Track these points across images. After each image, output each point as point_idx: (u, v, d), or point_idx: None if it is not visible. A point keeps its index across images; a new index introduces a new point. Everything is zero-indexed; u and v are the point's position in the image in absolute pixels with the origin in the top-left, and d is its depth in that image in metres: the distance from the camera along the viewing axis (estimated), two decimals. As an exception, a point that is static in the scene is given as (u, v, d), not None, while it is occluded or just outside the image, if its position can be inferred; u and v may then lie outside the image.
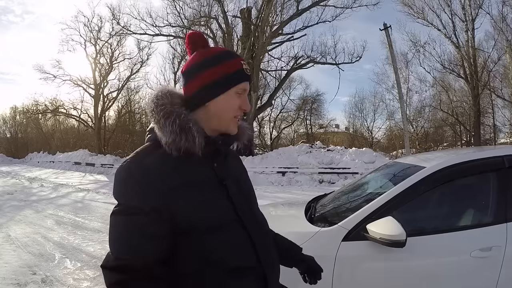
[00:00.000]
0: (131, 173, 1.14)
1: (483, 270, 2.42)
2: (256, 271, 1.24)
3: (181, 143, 1.16)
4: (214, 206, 1.20)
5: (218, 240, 1.17)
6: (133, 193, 1.12)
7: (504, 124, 26.33)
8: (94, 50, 32.95)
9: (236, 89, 1.26)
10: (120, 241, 1.13)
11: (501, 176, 2.66)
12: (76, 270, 4.73)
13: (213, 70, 1.24)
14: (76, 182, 17.08)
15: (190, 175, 1.18)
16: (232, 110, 1.27)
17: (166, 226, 1.13)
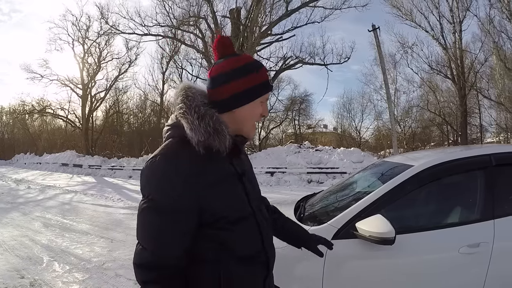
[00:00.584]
0: (167, 171, 1.20)
1: (472, 266, 2.46)
2: (261, 257, 1.39)
3: (214, 143, 1.24)
4: (237, 201, 1.33)
5: (237, 231, 1.30)
6: (168, 191, 1.19)
7: (490, 124, 26.68)
8: (82, 50, 32.67)
9: (261, 98, 1.38)
10: (156, 237, 1.22)
11: (488, 174, 2.70)
12: (65, 273, 4.67)
13: (243, 81, 1.33)
14: (63, 184, 16.92)
15: (218, 172, 1.28)
16: (255, 117, 1.41)
17: (196, 221, 1.25)
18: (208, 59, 21.85)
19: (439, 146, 26.96)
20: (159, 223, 1.20)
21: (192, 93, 1.32)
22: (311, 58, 22.75)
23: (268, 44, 22.75)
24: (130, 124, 36.28)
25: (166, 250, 1.21)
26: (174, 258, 1.22)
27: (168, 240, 1.21)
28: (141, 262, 1.22)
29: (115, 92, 35.15)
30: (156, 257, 1.20)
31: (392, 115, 19.40)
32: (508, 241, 2.51)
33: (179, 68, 31.97)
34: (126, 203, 10.45)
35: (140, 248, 1.23)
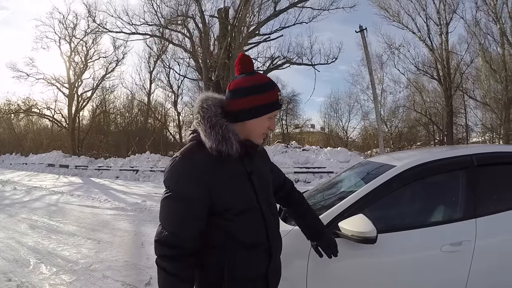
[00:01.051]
0: (185, 168, 1.50)
1: (454, 264, 2.50)
2: (264, 246, 1.63)
3: (222, 148, 1.49)
4: (243, 196, 1.58)
5: (242, 221, 1.56)
6: (185, 184, 1.49)
7: (476, 124, 27.04)
8: (69, 48, 32.37)
9: (269, 115, 1.61)
10: (174, 220, 1.51)
11: (469, 174, 2.74)
12: (52, 275, 4.63)
13: (258, 97, 1.57)
14: (50, 185, 16.65)
15: (227, 171, 1.54)
16: (262, 129, 1.63)
17: (206, 209, 1.53)
18: (196, 58, 21.79)
19: (425, 146, 27.24)
20: (176, 209, 1.51)
21: (207, 105, 1.56)
22: (299, 58, 22.77)
23: (256, 44, 22.75)
24: (117, 124, 35.90)
25: (180, 232, 1.49)
26: (186, 239, 1.49)
27: (182, 224, 1.49)
28: (160, 239, 1.51)
29: (102, 91, 34.87)
30: (172, 237, 1.49)
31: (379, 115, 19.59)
32: (490, 239, 2.56)
33: (166, 68, 31.83)
34: (113, 204, 10.35)
35: (160, 228, 1.53)
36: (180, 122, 33.09)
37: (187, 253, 1.49)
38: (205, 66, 20.34)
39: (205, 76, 20.20)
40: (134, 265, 4.93)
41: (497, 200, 2.73)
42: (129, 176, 20.32)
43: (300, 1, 20.70)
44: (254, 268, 1.61)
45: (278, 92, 1.62)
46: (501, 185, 2.87)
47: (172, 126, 35.46)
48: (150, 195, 12.16)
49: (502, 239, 2.61)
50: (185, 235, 1.49)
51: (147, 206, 9.55)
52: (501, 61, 21.69)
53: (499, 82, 21.85)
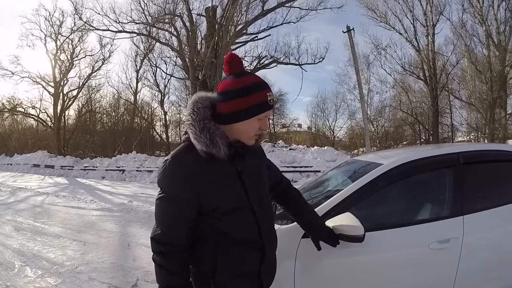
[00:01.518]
0: (173, 170, 1.55)
1: (442, 261, 2.52)
2: (257, 244, 1.67)
3: (211, 151, 1.53)
4: (233, 196, 1.61)
5: (232, 220, 1.61)
6: (175, 185, 1.55)
7: (461, 124, 27.35)
8: (55, 46, 31.81)
9: (258, 116, 1.59)
10: (166, 220, 1.59)
11: (456, 172, 2.77)
12: (37, 278, 4.57)
13: (243, 100, 1.56)
14: (35, 186, 16.41)
15: (216, 172, 1.58)
16: (252, 131, 1.62)
17: (196, 209, 1.59)
18: (183, 57, 21.65)
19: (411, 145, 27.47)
20: (167, 210, 1.58)
21: (198, 108, 1.58)
22: (286, 58, 22.69)
23: (243, 43, 22.65)
24: (103, 123, 35.49)
25: (171, 231, 1.57)
26: (177, 237, 1.58)
27: (173, 223, 1.58)
28: (155, 237, 1.59)
29: (88, 90, 34.33)
30: (164, 235, 1.57)
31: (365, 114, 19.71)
32: (477, 236, 2.61)
33: (153, 67, 31.46)
34: (99, 205, 10.25)
35: (155, 226, 1.61)
36: (167, 121, 32.90)
37: (179, 249, 1.58)
38: (192, 65, 20.20)
39: (192, 75, 20.07)
40: (120, 267, 4.88)
41: (483, 198, 2.78)
42: (115, 176, 20.14)
43: (288, 1, 20.67)
44: (246, 264, 1.66)
45: (267, 93, 1.60)
46: (487, 182, 2.91)
47: (158, 125, 35.15)
48: (137, 195, 12.09)
49: (490, 236, 2.66)
50: (176, 234, 1.57)
51: (134, 207, 9.49)
52: (487, 62, 21.96)
53: (484, 82, 22.13)
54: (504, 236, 2.70)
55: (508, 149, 3.06)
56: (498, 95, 21.33)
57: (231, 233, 1.61)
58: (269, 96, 1.60)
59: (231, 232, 1.62)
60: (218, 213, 1.59)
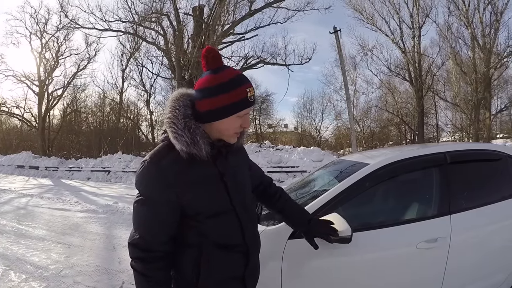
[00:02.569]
0: (151, 172, 1.47)
1: (430, 260, 2.53)
2: (241, 248, 1.61)
3: (192, 151, 1.46)
4: (215, 198, 1.55)
5: (215, 223, 1.54)
6: (153, 187, 1.48)
7: (446, 124, 27.87)
8: (40, 44, 31.38)
9: (238, 114, 1.52)
10: (143, 225, 1.52)
11: (443, 171, 2.80)
12: (21, 283, 4.48)
13: (221, 98, 1.48)
14: (19, 187, 16.11)
15: (198, 173, 1.51)
16: (233, 129, 1.56)
17: (177, 213, 1.51)
18: (169, 57, 21.59)
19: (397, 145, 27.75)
20: (145, 214, 1.50)
21: (179, 106, 1.51)
22: (273, 58, 22.73)
23: (230, 43, 22.63)
24: (89, 123, 35.10)
25: (149, 236, 1.50)
26: (157, 243, 1.50)
27: (152, 228, 1.50)
28: (132, 242, 1.52)
29: (73, 89, 33.88)
30: (143, 240, 1.50)
31: (351, 115, 19.83)
32: (465, 235, 2.63)
33: (139, 66, 31.31)
34: (84, 206, 10.11)
35: (133, 231, 1.55)
36: (153, 121, 32.68)
37: (158, 255, 1.50)
38: (179, 65, 20.15)
39: (178, 75, 20.01)
40: (105, 270, 4.82)
41: (470, 197, 2.80)
42: (100, 177, 19.93)
43: (275, 1, 20.74)
44: (230, 269, 1.60)
45: (247, 89, 1.52)
46: (474, 181, 2.94)
47: (144, 125, 34.98)
48: (122, 196, 11.96)
49: (477, 235, 2.69)
50: (155, 239, 1.50)
51: (119, 208, 9.38)
52: (471, 64, 22.36)
53: (469, 84, 22.52)
54: (492, 235, 2.73)
55: (494, 149, 3.10)
56: (482, 96, 21.72)
57: (214, 237, 1.55)
58: (248, 92, 1.52)
59: (214, 236, 1.55)
60: (201, 217, 1.52)
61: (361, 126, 29.97)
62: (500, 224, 2.75)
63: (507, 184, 2.92)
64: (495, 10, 21.20)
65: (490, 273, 2.71)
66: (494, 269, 2.72)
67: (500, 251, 2.72)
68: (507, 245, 2.74)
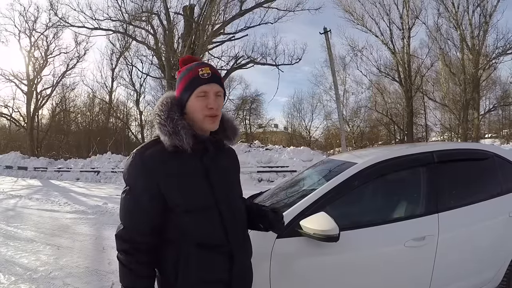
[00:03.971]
0: (136, 163, 1.51)
1: (418, 258, 2.57)
2: (224, 249, 1.56)
3: (174, 141, 1.49)
4: (196, 192, 1.53)
5: (194, 219, 1.52)
6: (136, 179, 1.51)
7: (435, 124, 28.14)
8: (29, 42, 30.99)
9: (196, 93, 1.56)
10: (126, 215, 1.54)
11: (431, 170, 2.84)
12: (11, 285, 4.42)
13: (182, 80, 1.60)
14: (7, 188, 15.94)
15: (181, 166, 1.52)
16: (200, 111, 1.56)
17: (159, 204, 1.51)
18: (159, 56, 21.47)
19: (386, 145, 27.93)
20: (128, 204, 1.52)
21: (166, 102, 1.58)
22: (263, 58, 22.72)
23: (220, 43, 22.58)
24: (78, 123, 34.93)
25: (133, 226, 1.51)
26: (140, 234, 1.50)
27: (135, 219, 1.51)
28: (117, 234, 1.53)
29: (62, 89, 33.63)
30: (127, 231, 1.51)
31: (341, 115, 19.89)
32: (452, 233, 2.67)
33: (129, 65, 31.31)
34: (73, 207, 10.07)
35: (120, 223, 1.55)
36: (142, 121, 32.67)
37: (140, 248, 1.49)
38: (168, 64, 20.02)
39: (168, 74, 19.89)
40: (95, 271, 4.79)
41: (458, 195, 2.84)
42: (90, 178, 19.88)
43: (266, 2, 20.73)
44: (211, 271, 1.55)
45: (199, 69, 1.58)
46: (461, 180, 2.98)
47: (134, 125, 34.97)
48: (112, 197, 11.89)
49: (465, 233, 2.73)
50: (137, 230, 1.50)
51: (108, 209, 9.34)
52: (460, 65, 22.63)
53: (458, 84, 22.76)
54: (479, 233, 2.78)
55: (481, 148, 3.15)
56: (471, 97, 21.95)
57: (193, 233, 1.52)
58: (201, 71, 1.57)
59: (193, 232, 1.52)
60: (181, 210, 1.51)
61: (350, 126, 30.19)
62: (488, 222, 2.81)
63: (494, 183, 2.99)
64: (484, 12, 21.49)
65: (479, 270, 2.77)
66: (483, 266, 2.77)
67: (488, 248, 2.77)
68: (495, 243, 2.80)
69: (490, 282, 2.80)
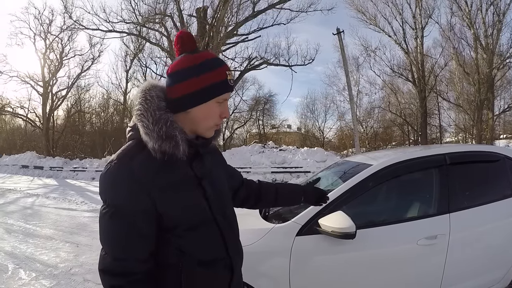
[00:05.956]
0: (121, 176, 1.21)
1: (430, 256, 2.64)
2: (224, 261, 1.40)
3: (166, 148, 1.23)
4: (193, 206, 1.32)
5: (195, 237, 1.31)
6: (124, 196, 1.20)
7: (449, 125, 27.80)
8: (44, 45, 31.39)
9: (217, 99, 1.32)
10: (116, 242, 1.23)
11: (443, 172, 2.90)
12: (32, 281, 4.56)
13: (199, 79, 1.28)
14: (24, 187, 16.25)
15: (173, 177, 1.27)
16: (212, 119, 1.34)
17: (153, 225, 1.25)
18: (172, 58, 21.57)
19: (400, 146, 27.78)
20: (116, 228, 1.22)
21: (151, 96, 1.29)
22: (276, 59, 22.77)
23: (234, 44, 22.68)
24: (93, 123, 35.16)
25: (125, 255, 1.22)
26: (136, 262, 1.23)
27: (126, 244, 1.22)
28: (104, 267, 1.23)
29: (77, 90, 33.98)
30: (117, 262, 1.21)
31: (355, 115, 19.84)
32: (463, 233, 2.73)
33: (143, 67, 31.33)
34: (90, 206, 10.23)
35: (103, 253, 1.25)
36: (157, 122, 32.65)
37: (138, 279, 1.23)
38: (183, 66, 20.15)
39: (182, 76, 20.03)
40: (114, 268, 4.87)
41: (469, 196, 2.90)
42: (105, 177, 19.93)
43: (279, 3, 20.75)
44: (214, 286, 1.39)
45: (227, 71, 1.33)
46: (472, 182, 3.04)
47: (148, 126, 34.99)
48: (128, 196, 11.93)
49: (475, 233, 2.80)
50: (133, 258, 1.23)
51: (125, 207, 9.37)
52: (474, 64, 22.29)
53: (472, 84, 22.45)
54: (490, 233, 2.84)
55: (492, 150, 3.19)
56: (485, 97, 21.65)
57: (195, 252, 1.31)
58: (228, 75, 1.33)
59: (196, 252, 1.32)
60: (179, 230, 1.29)
61: (364, 127, 29.98)
62: (498, 222, 2.86)
63: (504, 184, 3.03)
64: (498, 11, 21.15)
65: (489, 270, 2.82)
66: (493, 266, 2.83)
67: (498, 248, 2.83)
68: (505, 243, 2.85)
69: (500, 282, 2.85)
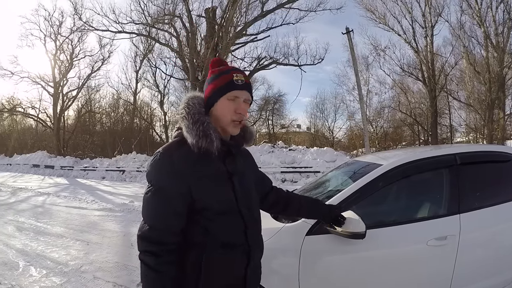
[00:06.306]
0: (164, 163, 1.51)
1: (440, 257, 2.62)
2: (243, 248, 1.62)
3: (203, 144, 1.51)
4: (222, 197, 1.58)
5: (220, 221, 1.55)
6: (165, 179, 1.50)
7: (460, 124, 27.57)
8: (54, 46, 31.86)
9: (226, 96, 1.61)
10: (154, 215, 1.52)
11: (453, 172, 2.87)
12: (42, 278, 4.60)
13: (213, 83, 1.65)
14: (35, 186, 16.41)
15: (207, 169, 1.55)
16: (228, 114, 1.62)
17: (186, 206, 1.52)
18: (182, 58, 21.67)
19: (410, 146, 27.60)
20: (157, 204, 1.52)
21: (192, 103, 1.61)
22: (285, 59, 22.62)
23: (243, 44, 22.66)
24: (103, 123, 35.53)
25: (162, 227, 1.49)
26: (168, 234, 1.50)
27: (163, 219, 1.50)
28: (142, 234, 1.52)
29: (87, 90, 34.37)
30: (154, 232, 1.49)
31: (364, 115, 19.81)
32: (474, 234, 2.70)
33: (152, 67, 31.58)
34: (100, 205, 10.31)
35: (143, 223, 1.54)
36: (166, 122, 32.93)
37: (168, 248, 1.49)
38: (192, 66, 20.21)
39: (191, 76, 20.08)
40: (124, 266, 4.93)
41: (479, 197, 2.87)
42: (115, 177, 20.19)
43: (287, 2, 20.71)
44: (232, 268, 1.60)
45: (234, 74, 1.64)
46: (483, 182, 3.01)
47: (158, 126, 35.41)
48: (137, 195, 12.03)
49: (486, 233, 2.77)
50: (166, 231, 1.49)
51: (135, 207, 9.51)
52: (485, 63, 22.12)
53: (483, 83, 22.28)
54: (500, 234, 2.80)
55: (503, 150, 3.16)
56: (496, 96, 21.47)
57: (219, 234, 1.55)
58: (235, 76, 1.63)
59: (219, 233, 1.55)
60: (209, 213, 1.53)
61: (374, 127, 29.82)
62: (509, 223, 2.82)
63: (515, 185, 2.99)
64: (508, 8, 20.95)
65: (500, 271, 2.78)
66: (504, 267, 2.79)
67: (509, 249, 2.79)
68: None
69: (511, 283, 2.81)
